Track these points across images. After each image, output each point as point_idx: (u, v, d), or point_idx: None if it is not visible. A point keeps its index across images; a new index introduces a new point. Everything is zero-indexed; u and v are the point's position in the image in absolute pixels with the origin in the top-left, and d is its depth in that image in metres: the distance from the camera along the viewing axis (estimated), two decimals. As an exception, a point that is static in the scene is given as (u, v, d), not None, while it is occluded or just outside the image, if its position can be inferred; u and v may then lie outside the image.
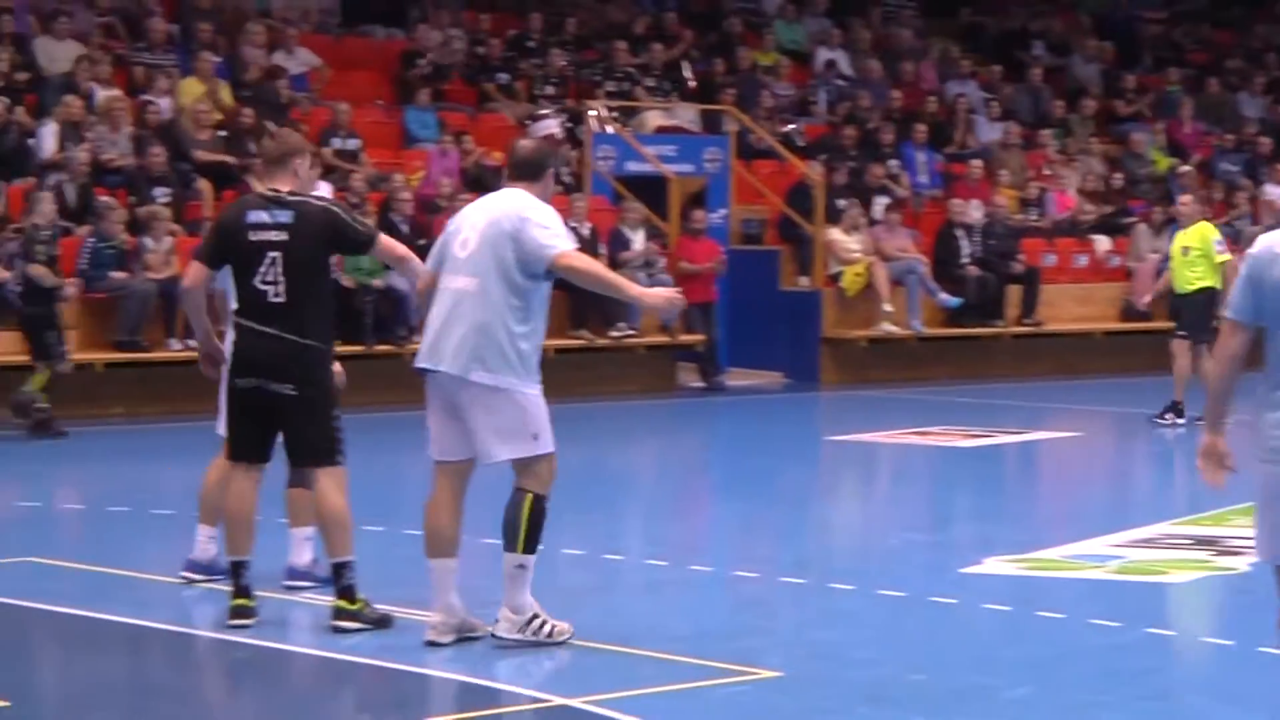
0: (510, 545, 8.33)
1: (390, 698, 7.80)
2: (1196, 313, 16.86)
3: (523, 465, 8.49)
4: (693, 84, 24.34)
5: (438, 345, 8.26)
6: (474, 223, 8.38)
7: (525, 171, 8.55)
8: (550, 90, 23.05)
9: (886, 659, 8.14)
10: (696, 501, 14.15)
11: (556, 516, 9.15)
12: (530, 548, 8.34)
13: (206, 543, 9.46)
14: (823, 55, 25.78)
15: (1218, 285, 16.64)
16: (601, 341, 19.97)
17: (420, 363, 8.32)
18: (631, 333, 20.06)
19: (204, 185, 19.01)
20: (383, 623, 8.59)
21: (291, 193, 8.64)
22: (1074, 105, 26.39)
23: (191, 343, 14.82)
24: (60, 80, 19.45)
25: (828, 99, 25.09)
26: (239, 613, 8.61)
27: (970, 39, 28.64)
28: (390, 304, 18.66)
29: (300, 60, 21.80)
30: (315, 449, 8.58)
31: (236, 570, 8.67)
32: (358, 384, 18.57)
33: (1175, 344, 17.09)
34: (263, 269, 8.52)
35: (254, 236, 8.55)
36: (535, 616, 8.31)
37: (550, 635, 8.28)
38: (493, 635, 8.29)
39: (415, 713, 7.43)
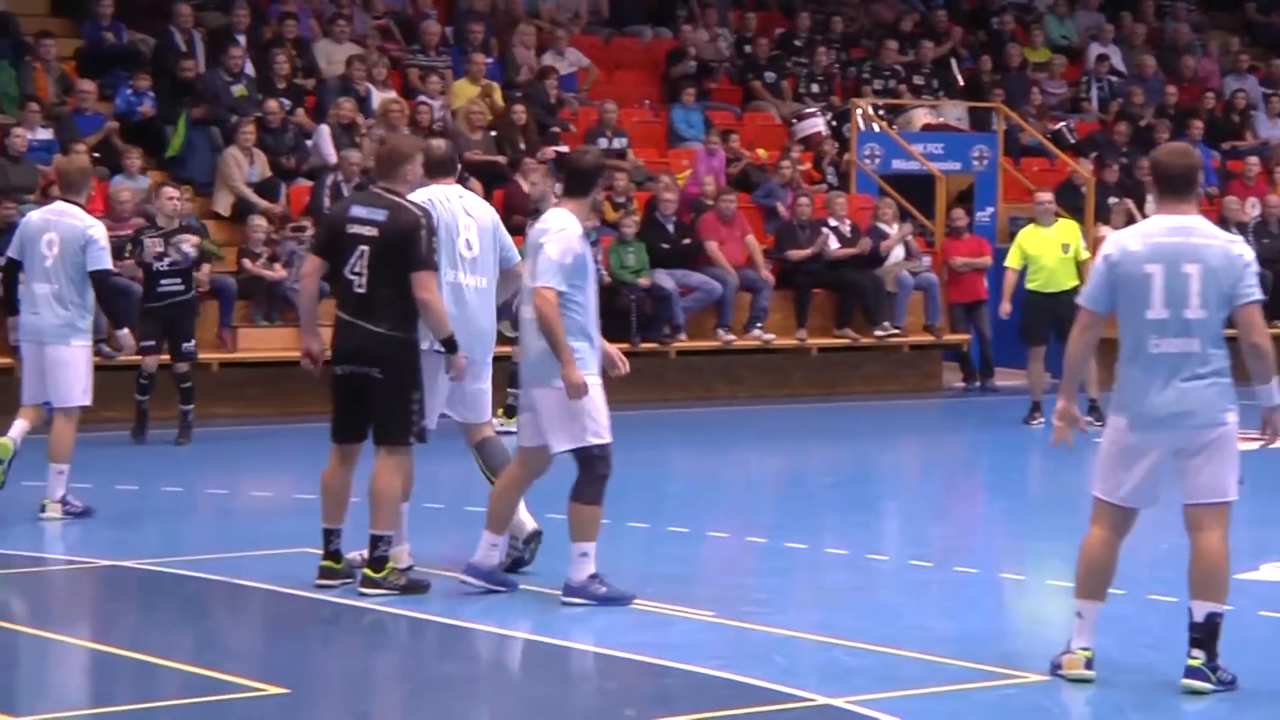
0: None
1: (657, 693, 7.86)
2: None
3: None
4: (961, 82, 24.12)
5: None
6: (471, 225, 9.55)
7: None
8: (816, 89, 23.03)
9: (1158, 664, 7.98)
10: (962, 502, 14.02)
11: (819, 516, 9.12)
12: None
13: (489, 550, 9.43)
14: (1095, 50, 25.35)
15: None
16: (866, 340, 19.88)
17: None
18: (896, 332, 19.94)
19: (475, 185, 19.33)
20: (411, 588, 9.24)
21: (392, 193, 9.16)
22: (1358, 100, 25.57)
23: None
24: (337, 83, 19.95)
25: (1099, 95, 24.67)
26: (325, 573, 9.42)
27: (1250, 33, 27.91)
28: (654, 302, 18.80)
29: (570, 61, 22.07)
30: (389, 431, 9.20)
31: (328, 536, 9.38)
32: (621, 382, 18.80)
33: None
34: (351, 261, 9.16)
35: (350, 230, 9.20)
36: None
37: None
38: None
39: (681, 708, 7.48)
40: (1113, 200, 21.71)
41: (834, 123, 22.18)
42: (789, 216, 20.13)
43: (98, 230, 11.70)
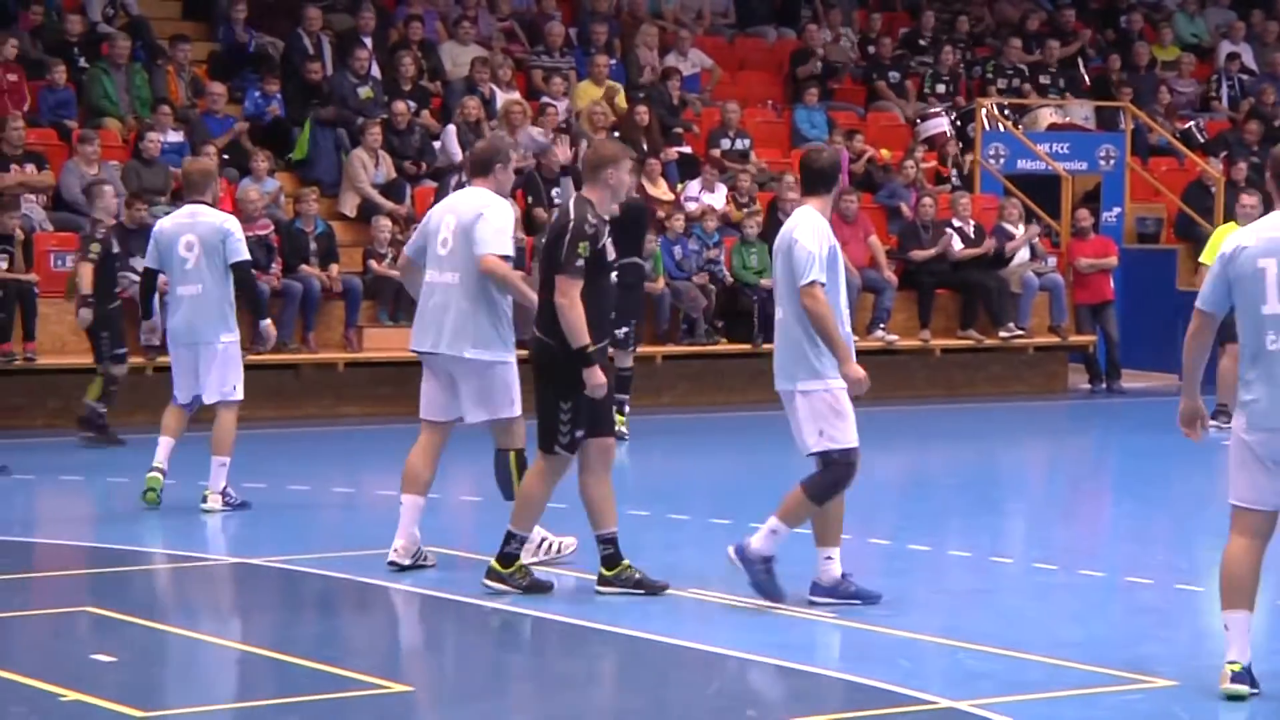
0: (509, 495, 9.68)
1: (782, 694, 7.86)
2: None
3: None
4: (1088, 81, 23.90)
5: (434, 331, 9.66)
6: (448, 222, 9.68)
7: (477, 169, 9.81)
8: (941, 88, 22.90)
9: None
10: (1087, 505, 13.89)
11: (942, 518, 8.98)
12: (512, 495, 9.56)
13: (825, 564, 9.11)
14: (1225, 49, 25.03)
15: None
16: (990, 341, 19.75)
17: (417, 347, 9.77)
18: (1020, 333, 19.80)
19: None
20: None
21: (583, 196, 9.21)
22: None
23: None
24: (462, 84, 20.09)
25: (1230, 94, 24.36)
26: (490, 574, 9.41)
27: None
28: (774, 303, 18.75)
29: (693, 61, 22.09)
30: (541, 437, 9.22)
31: (507, 538, 9.37)
32: (743, 382, 18.76)
33: None
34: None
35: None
36: (543, 540, 9.85)
37: (559, 551, 9.88)
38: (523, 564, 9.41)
39: (806, 709, 7.48)
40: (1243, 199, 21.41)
41: (958, 123, 22.06)
42: (912, 217, 20.05)
43: (233, 224, 11.94)
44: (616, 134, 19.90)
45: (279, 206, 17.99)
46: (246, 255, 11.91)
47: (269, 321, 12.34)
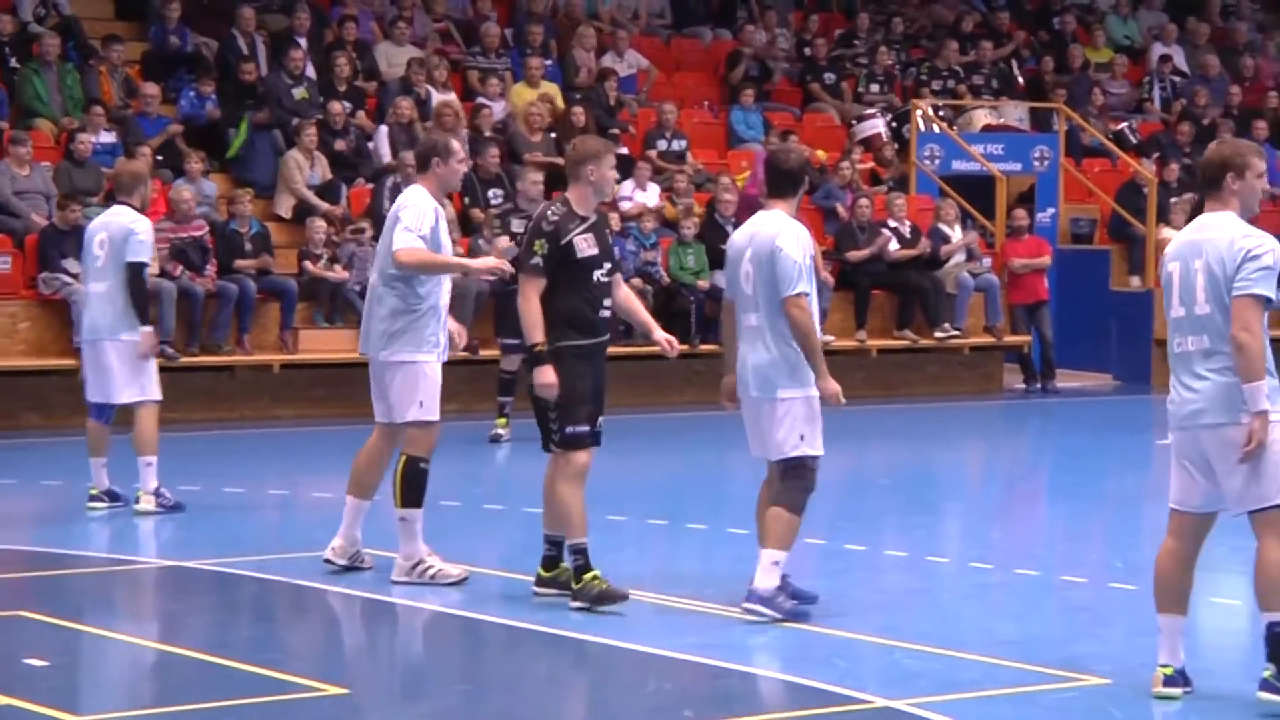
0: (395, 499, 9.54)
1: (719, 694, 7.87)
2: None
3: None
4: (1022, 82, 24.03)
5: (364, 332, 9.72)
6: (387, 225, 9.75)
7: (417, 166, 9.76)
8: (876, 89, 22.98)
9: (1221, 670, 7.93)
10: (1023, 504, 13.96)
11: (879, 518, 8.99)
12: (408, 503, 9.47)
13: (773, 569, 8.82)
14: (1158, 51, 25.21)
15: None
16: (926, 342, 19.83)
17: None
18: (956, 333, 19.88)
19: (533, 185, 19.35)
20: (605, 598, 8.95)
21: (561, 197, 9.25)
22: None
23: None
24: (397, 85, 20.03)
25: (1162, 95, 24.53)
26: (538, 580, 9.33)
27: (1315, 32, 27.72)
28: (714, 304, 18.77)
29: (629, 62, 22.09)
30: (542, 438, 9.13)
31: (547, 542, 9.29)
32: (680, 383, 18.77)
33: None
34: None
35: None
36: (421, 562, 9.50)
37: (434, 578, 9.47)
38: (391, 580, 9.51)
39: (743, 709, 7.48)
40: (1175, 200, 21.59)
41: (894, 124, 22.13)
42: (848, 218, 20.11)
43: (141, 226, 11.86)
44: (554, 135, 19.89)
45: (214, 207, 17.89)
46: (143, 258, 11.78)
47: (150, 330, 11.91)
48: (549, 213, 9.06)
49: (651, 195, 19.60)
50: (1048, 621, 9.19)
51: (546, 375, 8.92)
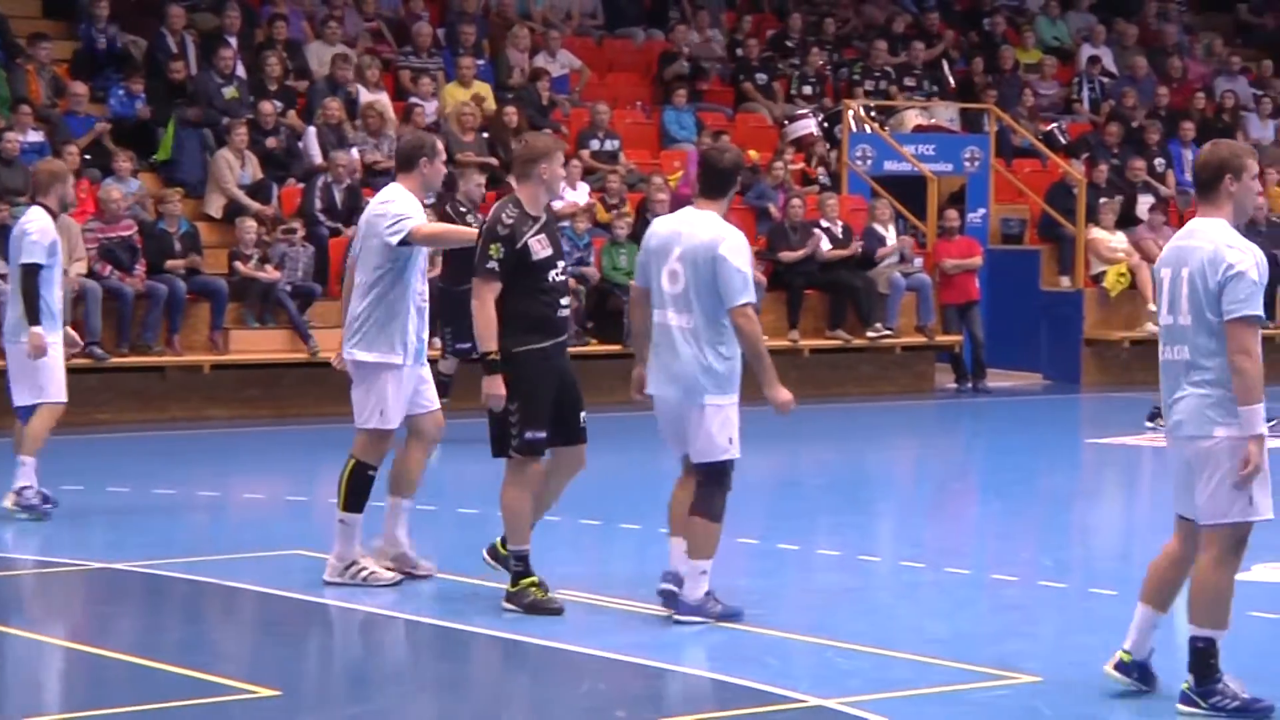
0: (339, 503, 9.54)
1: (651, 694, 7.87)
2: None
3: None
4: (953, 83, 24.15)
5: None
6: (359, 223, 9.71)
7: (400, 165, 9.63)
8: (808, 90, 23.05)
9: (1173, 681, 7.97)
10: (954, 503, 14.03)
11: (811, 517, 9.00)
12: (349, 507, 9.46)
13: (701, 578, 8.76)
14: (1086, 52, 25.39)
15: None
16: (858, 342, 19.90)
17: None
18: (888, 333, 19.96)
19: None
20: (538, 608, 8.85)
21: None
22: (1349, 101, 25.59)
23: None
24: (327, 85, 19.94)
25: (1091, 97, 24.70)
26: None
27: (1242, 34, 27.95)
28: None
29: (562, 62, 22.08)
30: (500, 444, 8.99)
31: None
32: (613, 383, 18.80)
33: None
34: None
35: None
36: (354, 563, 9.47)
37: (367, 580, 9.44)
38: (324, 580, 9.49)
39: (676, 709, 7.49)
40: (1103, 200, 21.75)
41: (825, 124, 22.20)
42: (781, 218, 20.15)
43: (35, 226, 11.66)
44: (486, 135, 19.85)
45: (143, 207, 17.77)
46: (34, 259, 11.56)
47: (39, 330, 11.56)
48: (503, 215, 8.84)
49: (581, 194, 19.59)
50: (979, 620, 9.24)
51: (496, 386, 8.77)
